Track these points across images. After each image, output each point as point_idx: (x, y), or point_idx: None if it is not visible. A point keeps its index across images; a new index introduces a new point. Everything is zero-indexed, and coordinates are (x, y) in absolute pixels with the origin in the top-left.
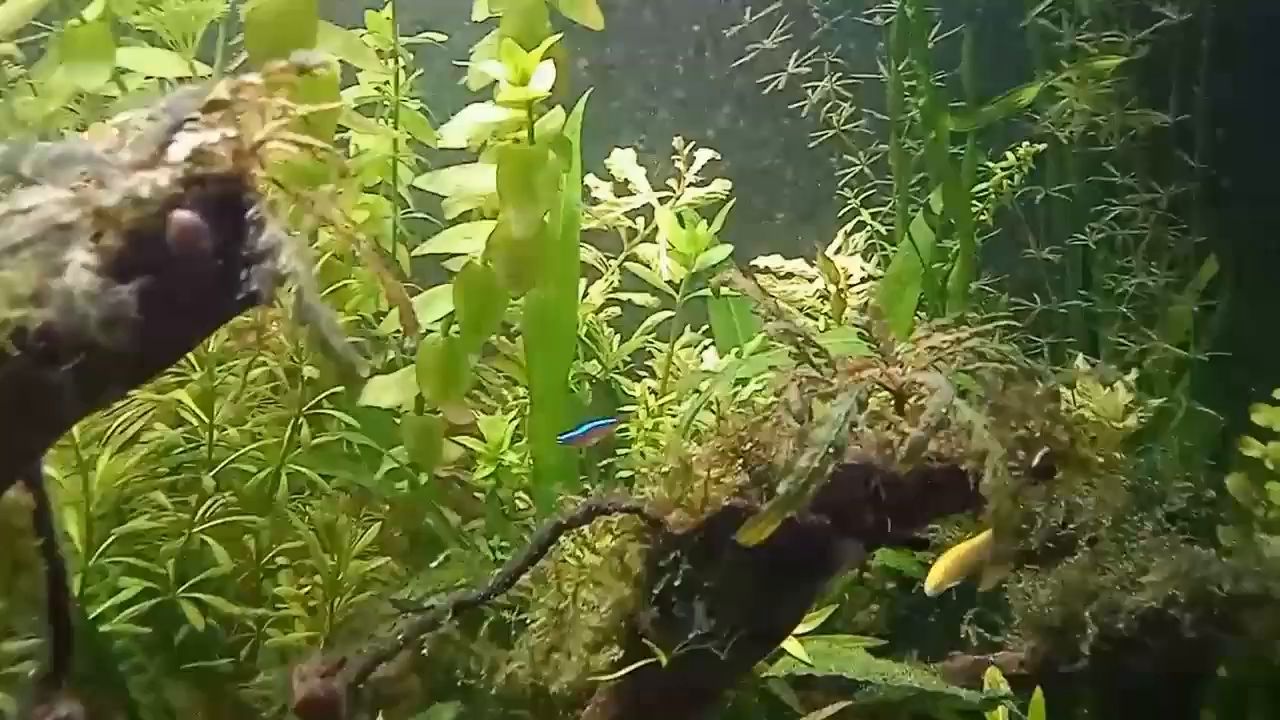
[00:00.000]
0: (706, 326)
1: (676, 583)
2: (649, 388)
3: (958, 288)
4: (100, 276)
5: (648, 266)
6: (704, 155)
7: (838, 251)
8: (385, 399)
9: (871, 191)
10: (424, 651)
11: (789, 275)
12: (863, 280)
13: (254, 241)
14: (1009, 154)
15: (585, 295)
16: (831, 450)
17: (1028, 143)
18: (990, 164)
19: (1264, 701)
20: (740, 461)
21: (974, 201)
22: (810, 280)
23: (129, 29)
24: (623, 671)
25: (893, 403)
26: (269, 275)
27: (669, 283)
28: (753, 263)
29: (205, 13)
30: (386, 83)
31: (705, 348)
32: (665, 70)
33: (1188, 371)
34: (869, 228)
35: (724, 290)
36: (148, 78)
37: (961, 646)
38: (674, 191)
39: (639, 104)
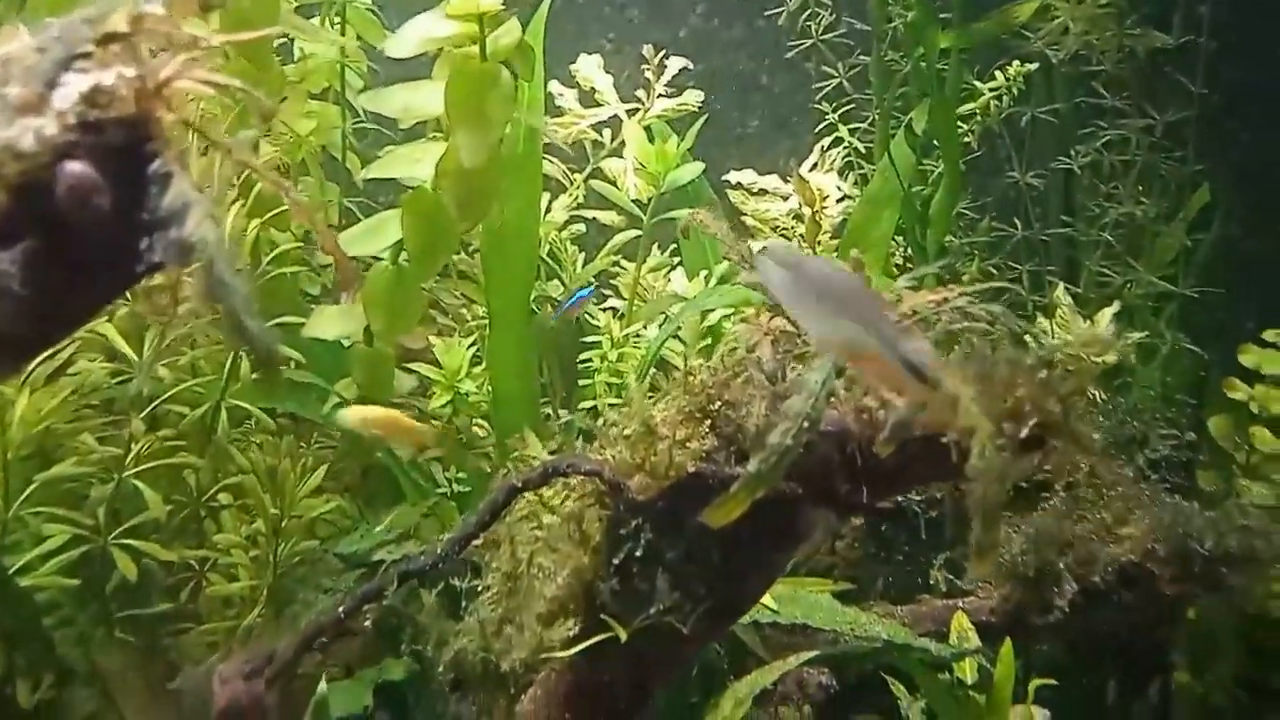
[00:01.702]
0: (675, 246)
1: (638, 552)
2: (614, 313)
3: (940, 214)
4: None
5: (614, 184)
6: (676, 64)
7: (813, 168)
8: (331, 330)
9: (850, 106)
10: (367, 624)
11: (762, 192)
12: (839, 200)
13: (158, 201)
14: (998, 73)
15: (548, 211)
16: (806, 425)
17: (1017, 61)
18: (977, 83)
19: (1232, 647)
20: (708, 422)
21: (959, 122)
22: (784, 198)
23: None
24: (579, 646)
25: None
26: (175, 245)
27: (636, 201)
28: (724, 178)
29: None
30: None
31: (673, 269)
32: None
33: (1172, 305)
34: (846, 144)
35: (691, 196)
36: None
37: (930, 590)
38: (643, 104)
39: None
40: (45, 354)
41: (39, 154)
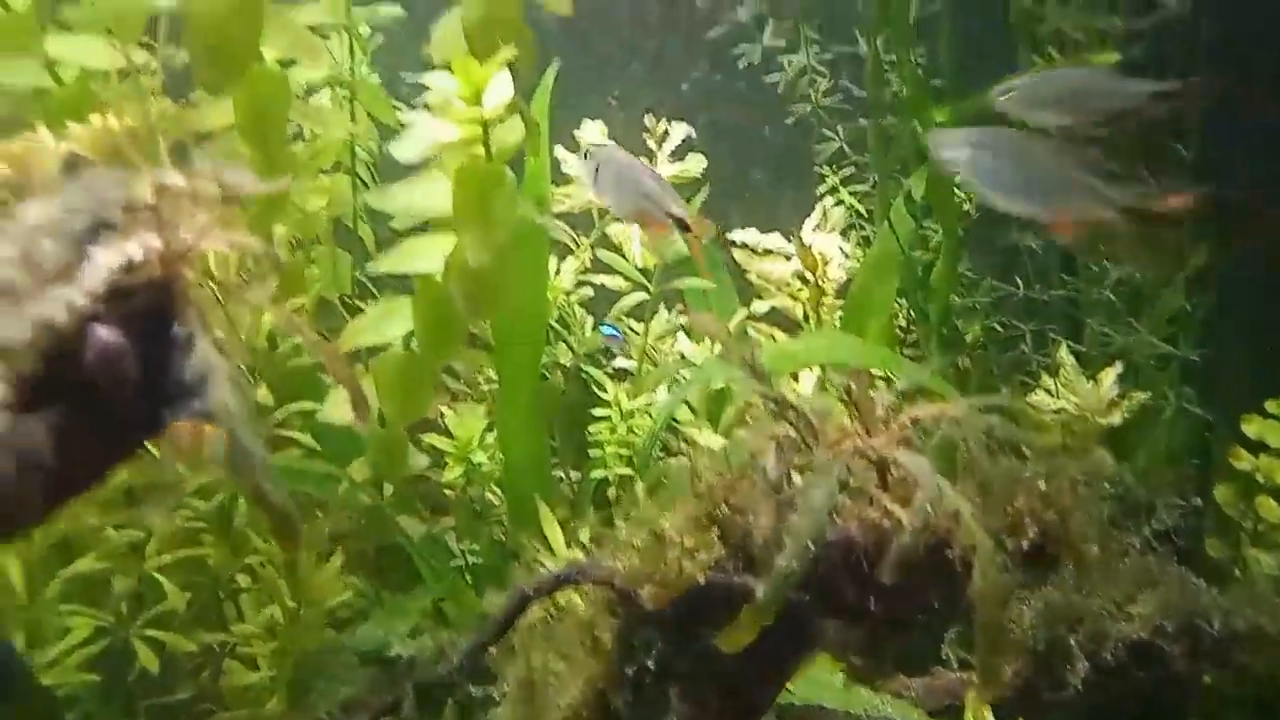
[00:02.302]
0: (681, 308)
1: (650, 663)
2: (623, 375)
3: (941, 280)
4: (10, 413)
5: (620, 252)
6: (679, 130)
7: (816, 228)
8: (345, 415)
9: (850, 169)
10: None
11: (767, 252)
12: (842, 261)
13: (181, 365)
14: None
15: (556, 272)
16: (812, 545)
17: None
18: None
19: (1244, 712)
20: (716, 529)
21: (955, 189)
22: (788, 258)
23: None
24: None
25: (874, 474)
26: (199, 413)
27: (641, 270)
28: (729, 235)
29: (141, 7)
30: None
31: (680, 328)
32: (637, 22)
33: (1175, 366)
34: (847, 205)
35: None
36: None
37: (942, 662)
38: None
39: (610, 58)
40: None
41: (70, 324)
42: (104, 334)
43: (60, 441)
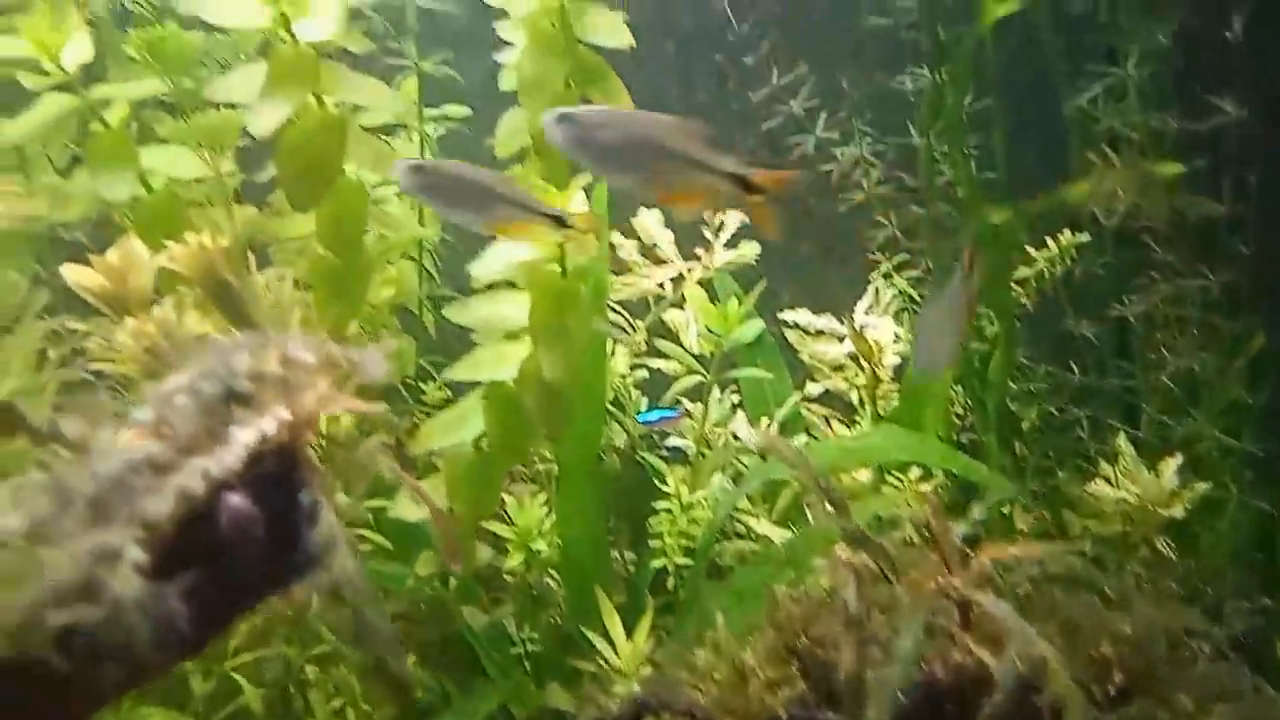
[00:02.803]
0: (736, 390)
1: None
2: (680, 458)
3: (998, 371)
4: (148, 580)
5: (677, 341)
6: (733, 219)
7: (868, 310)
8: (415, 513)
9: (904, 256)
10: None
11: (819, 333)
12: (894, 343)
13: (307, 534)
14: (1050, 241)
15: (611, 353)
16: (898, 693)
17: (1069, 229)
18: (1031, 250)
19: None
20: (796, 661)
21: (1013, 286)
22: (840, 340)
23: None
24: None
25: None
26: (324, 585)
27: (698, 357)
28: (781, 315)
29: (235, 124)
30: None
31: (736, 408)
32: (688, 101)
33: (1236, 458)
34: (899, 290)
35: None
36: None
37: None
38: (701, 260)
39: None
40: None
41: (207, 494)
42: (235, 501)
43: (196, 606)
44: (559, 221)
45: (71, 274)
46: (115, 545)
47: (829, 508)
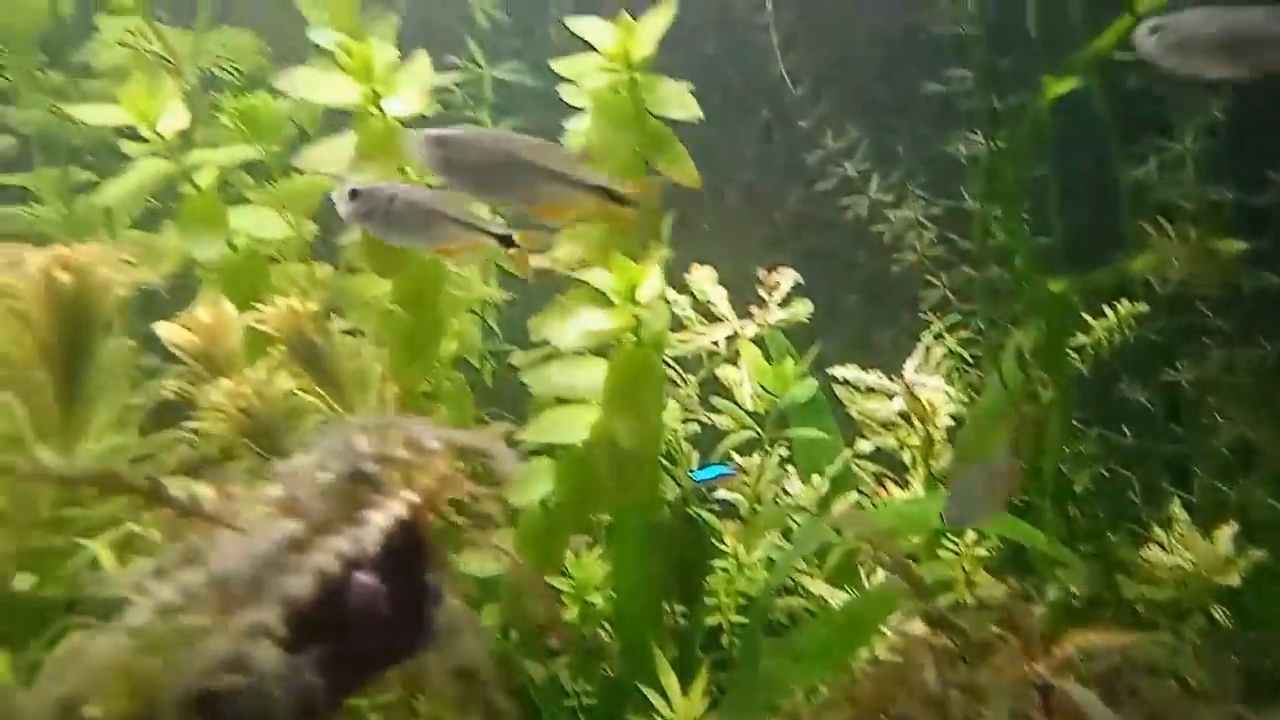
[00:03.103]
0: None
1: None
2: (733, 516)
3: (1052, 439)
4: (287, 653)
5: (730, 398)
6: (788, 277)
7: (918, 368)
8: (484, 569)
9: (956, 319)
10: None
11: (870, 391)
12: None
13: (430, 612)
14: (1107, 309)
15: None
16: None
17: (1124, 297)
18: (1087, 317)
19: None
20: None
21: (1070, 353)
22: (890, 397)
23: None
24: None
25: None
26: (452, 670)
27: (750, 414)
28: (831, 371)
29: (319, 189)
30: None
31: (784, 462)
32: (734, 152)
33: None
34: (950, 349)
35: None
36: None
37: None
38: (754, 318)
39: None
40: None
41: (340, 573)
42: (364, 579)
43: (330, 677)
44: (505, 241)
45: (167, 332)
46: (267, 622)
47: (907, 585)
